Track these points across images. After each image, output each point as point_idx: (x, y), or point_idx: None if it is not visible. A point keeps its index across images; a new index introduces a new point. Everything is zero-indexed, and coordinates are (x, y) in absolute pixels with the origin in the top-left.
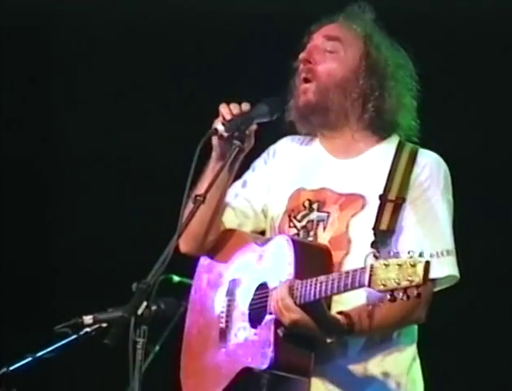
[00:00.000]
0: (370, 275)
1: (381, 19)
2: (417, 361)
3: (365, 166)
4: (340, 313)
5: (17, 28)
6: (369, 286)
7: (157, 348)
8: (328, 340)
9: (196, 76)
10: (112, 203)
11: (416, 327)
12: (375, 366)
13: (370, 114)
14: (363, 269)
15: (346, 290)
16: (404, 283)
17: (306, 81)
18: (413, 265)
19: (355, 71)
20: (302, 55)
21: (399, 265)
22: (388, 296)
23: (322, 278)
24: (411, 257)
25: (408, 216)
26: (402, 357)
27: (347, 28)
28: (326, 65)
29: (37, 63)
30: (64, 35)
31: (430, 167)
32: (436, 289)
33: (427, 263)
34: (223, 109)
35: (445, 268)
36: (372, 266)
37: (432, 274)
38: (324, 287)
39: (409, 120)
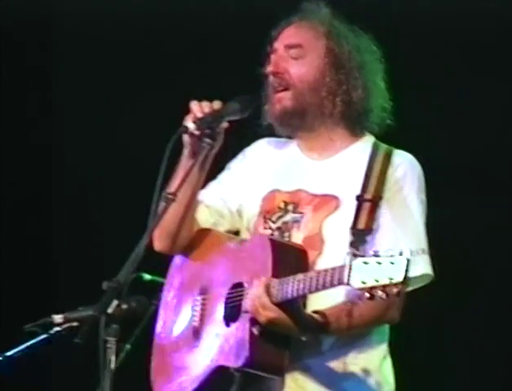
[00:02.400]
0: (349, 273)
1: (339, 11)
2: (388, 360)
3: (340, 166)
4: (316, 312)
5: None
6: (348, 283)
7: (128, 347)
8: (303, 339)
9: (167, 72)
10: (79, 201)
11: (387, 326)
12: (349, 362)
13: (340, 108)
14: (342, 267)
15: (325, 288)
16: (384, 281)
17: (281, 90)
18: (393, 263)
19: (322, 70)
20: (269, 69)
21: (379, 263)
22: (367, 294)
23: (300, 276)
24: (391, 256)
25: (385, 214)
26: (373, 354)
27: (306, 28)
28: (296, 71)
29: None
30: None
31: (405, 167)
32: (410, 289)
33: (408, 261)
34: (194, 107)
35: (420, 266)
36: (351, 264)
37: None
38: (302, 286)
39: (381, 104)
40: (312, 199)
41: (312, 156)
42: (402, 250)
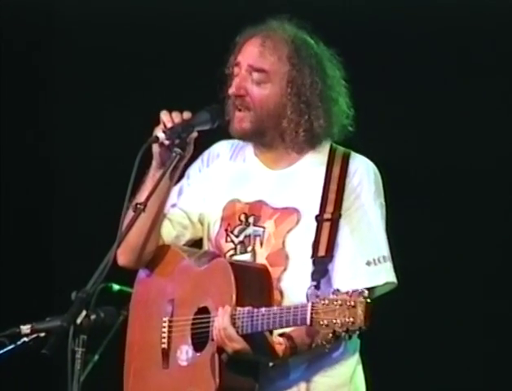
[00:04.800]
0: (311, 315)
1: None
2: (360, 368)
3: (298, 176)
4: (282, 335)
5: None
6: (311, 325)
7: (96, 357)
8: (271, 364)
9: (139, 83)
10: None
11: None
12: (317, 380)
13: (303, 138)
14: (303, 307)
15: (287, 326)
16: (346, 325)
17: (242, 110)
18: (354, 306)
19: (284, 98)
20: (231, 91)
21: (340, 305)
22: (330, 334)
23: (264, 310)
24: (350, 296)
25: (343, 227)
26: (345, 365)
27: (271, 50)
28: (257, 96)
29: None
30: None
31: (361, 172)
32: (375, 296)
33: (367, 304)
34: (165, 117)
35: (382, 275)
36: (313, 306)
37: (369, 283)
38: (265, 321)
39: (341, 123)
40: (273, 212)
41: (269, 165)
42: (363, 290)
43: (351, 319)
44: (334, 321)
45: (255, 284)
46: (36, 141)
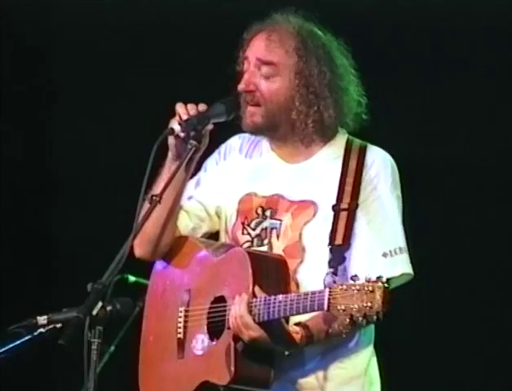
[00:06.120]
0: (329, 301)
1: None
2: (375, 360)
3: (315, 169)
4: (298, 324)
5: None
6: (328, 310)
7: (112, 348)
8: (286, 353)
9: (152, 75)
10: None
11: (373, 326)
12: (332, 371)
13: (312, 129)
14: (321, 292)
15: (304, 312)
16: (363, 310)
17: (253, 105)
18: (372, 291)
19: (292, 92)
20: (240, 87)
21: (358, 290)
22: (348, 320)
23: (281, 297)
24: (369, 281)
25: (360, 218)
26: (360, 357)
27: (278, 43)
28: (267, 90)
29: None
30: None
31: (378, 164)
32: (391, 287)
33: (385, 289)
34: (180, 109)
35: (398, 266)
36: (330, 291)
37: (386, 274)
38: (282, 308)
39: (353, 112)
40: (290, 205)
41: (286, 159)
42: (381, 275)
43: (369, 304)
44: (352, 306)
45: (272, 274)
46: (35, 138)
